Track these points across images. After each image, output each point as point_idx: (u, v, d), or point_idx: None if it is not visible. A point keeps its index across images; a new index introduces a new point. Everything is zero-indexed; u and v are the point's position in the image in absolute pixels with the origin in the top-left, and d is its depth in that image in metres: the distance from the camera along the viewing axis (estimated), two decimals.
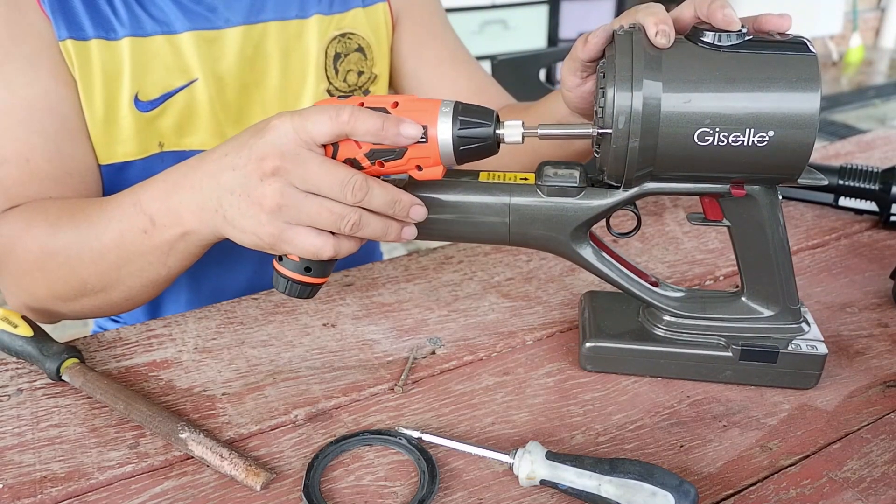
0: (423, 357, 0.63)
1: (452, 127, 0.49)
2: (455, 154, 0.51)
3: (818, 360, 0.57)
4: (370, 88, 0.83)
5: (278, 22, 0.76)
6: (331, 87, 0.80)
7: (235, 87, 0.76)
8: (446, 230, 0.57)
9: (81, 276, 0.62)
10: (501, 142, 0.51)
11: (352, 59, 0.81)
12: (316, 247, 0.52)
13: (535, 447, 0.50)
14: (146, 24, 0.71)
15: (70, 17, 0.68)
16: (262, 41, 0.76)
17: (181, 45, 0.72)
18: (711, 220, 0.56)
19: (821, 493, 0.49)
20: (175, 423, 0.53)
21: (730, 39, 0.49)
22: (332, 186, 0.50)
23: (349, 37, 0.80)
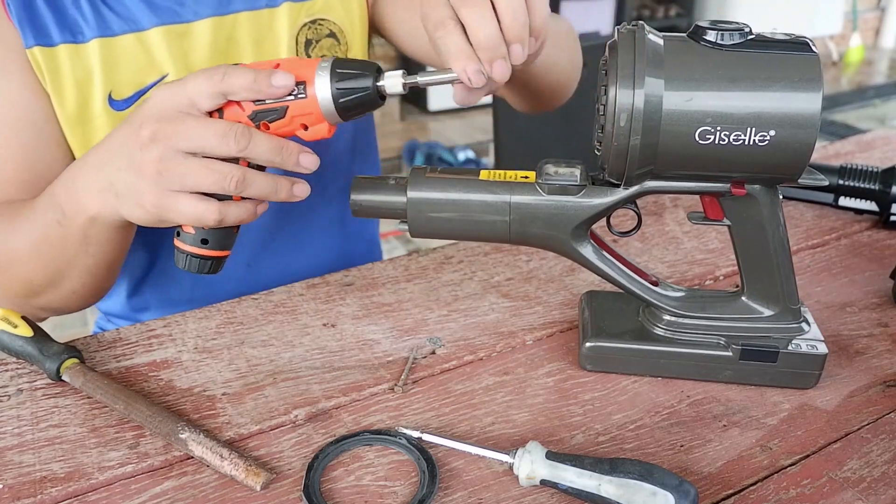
0: (423, 357, 0.63)
1: (331, 81, 0.50)
2: (336, 108, 0.51)
3: (818, 359, 0.57)
4: None
5: (249, 12, 0.75)
6: None
7: None
8: (446, 229, 0.57)
9: (27, 275, 0.64)
10: (384, 94, 0.51)
11: (324, 45, 0.79)
12: (199, 212, 0.51)
13: (535, 447, 0.50)
14: (113, 24, 0.71)
15: (37, 24, 0.68)
16: (234, 32, 0.75)
17: (150, 41, 0.72)
18: (712, 219, 0.56)
19: (821, 493, 0.49)
20: (175, 423, 0.53)
21: (732, 38, 0.49)
22: (213, 139, 0.49)
23: (320, 23, 0.78)
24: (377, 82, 0.51)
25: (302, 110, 0.51)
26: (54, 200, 0.59)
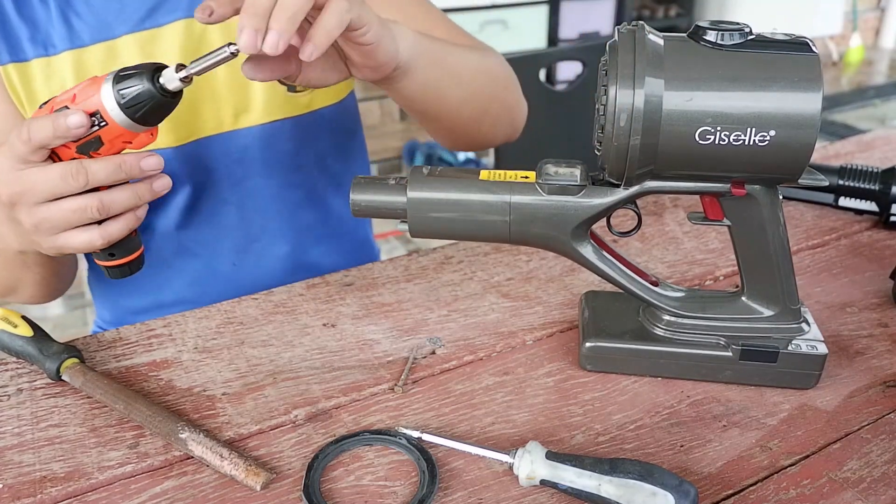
0: (423, 357, 0.63)
1: (115, 97, 0.51)
2: (127, 115, 0.52)
3: (818, 360, 0.57)
4: None
5: None
6: None
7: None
8: (446, 229, 0.57)
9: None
10: (169, 91, 0.52)
11: None
12: (85, 241, 0.56)
13: (535, 447, 0.50)
14: (84, 35, 0.71)
15: (11, 40, 0.69)
16: (205, 33, 0.74)
17: (121, 49, 0.72)
18: (712, 219, 0.56)
19: (821, 493, 0.49)
20: (175, 423, 0.53)
21: (732, 38, 0.49)
22: (56, 183, 0.53)
23: None
24: (157, 81, 0.52)
25: (111, 133, 0.53)
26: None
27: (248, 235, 0.85)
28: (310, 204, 0.88)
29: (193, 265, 0.86)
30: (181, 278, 0.87)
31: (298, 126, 0.81)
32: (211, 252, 0.86)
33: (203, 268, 0.86)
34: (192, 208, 0.82)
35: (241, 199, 0.83)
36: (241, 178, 0.82)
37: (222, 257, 0.86)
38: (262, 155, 0.81)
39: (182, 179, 0.80)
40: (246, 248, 0.86)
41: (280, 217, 0.86)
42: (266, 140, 0.80)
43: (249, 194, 0.83)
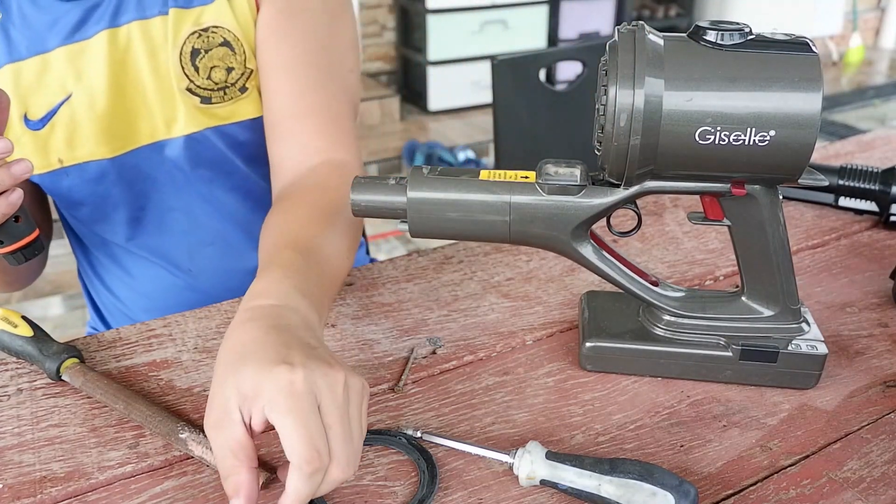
0: (423, 357, 0.63)
1: None
2: None
3: (818, 360, 0.57)
4: (247, 85, 0.76)
5: (140, 21, 0.73)
6: (192, 86, 0.75)
7: (112, 92, 0.74)
8: (446, 229, 0.57)
9: None
10: None
11: (216, 55, 0.74)
12: None
13: (535, 447, 0.50)
14: (21, 48, 0.72)
15: None
16: (129, 43, 0.74)
17: (54, 62, 0.73)
18: (712, 219, 0.56)
19: (821, 493, 0.49)
20: (175, 423, 0.53)
21: (732, 38, 0.49)
22: None
23: (212, 31, 0.74)
24: None
25: None
26: None
27: (200, 240, 0.85)
28: (253, 206, 0.86)
29: (152, 273, 0.87)
30: (144, 287, 0.88)
31: (223, 134, 0.79)
32: (167, 260, 0.86)
33: (164, 275, 0.87)
34: (139, 219, 0.83)
35: (187, 206, 0.83)
36: (182, 185, 0.81)
37: (179, 264, 0.86)
38: (197, 162, 0.80)
39: (123, 190, 0.80)
40: (200, 252, 0.86)
41: (229, 220, 0.85)
42: (196, 147, 0.78)
43: (195, 200, 0.83)
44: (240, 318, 0.49)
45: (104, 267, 0.90)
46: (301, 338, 0.47)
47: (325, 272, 0.58)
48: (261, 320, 0.48)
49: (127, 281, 0.89)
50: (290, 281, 0.52)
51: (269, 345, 0.45)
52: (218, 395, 0.44)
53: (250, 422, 0.43)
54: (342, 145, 0.73)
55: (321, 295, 0.55)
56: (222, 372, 0.45)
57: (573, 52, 1.51)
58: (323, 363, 0.44)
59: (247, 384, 0.43)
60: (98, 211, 0.82)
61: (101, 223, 0.84)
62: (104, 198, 0.80)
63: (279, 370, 0.43)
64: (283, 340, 0.45)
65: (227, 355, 0.46)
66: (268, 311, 0.49)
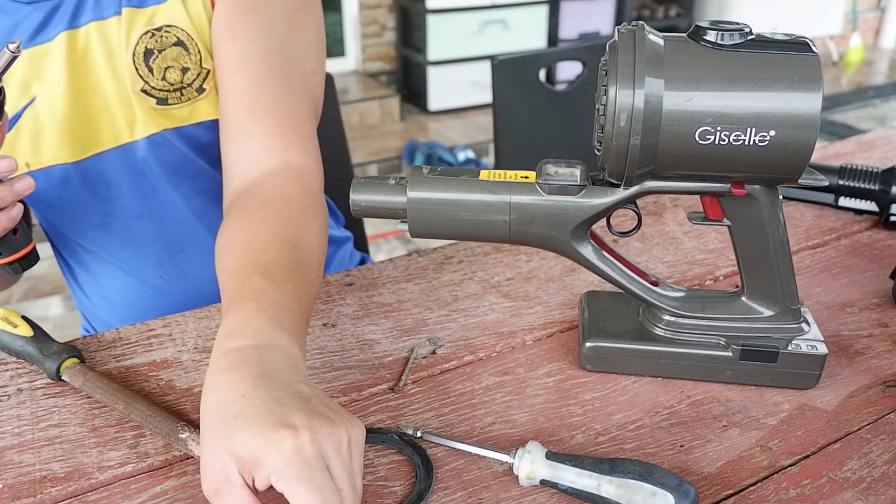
0: (423, 357, 0.63)
1: None
2: None
3: (818, 360, 0.57)
4: (204, 86, 0.74)
5: (97, 22, 0.72)
6: (146, 87, 0.73)
7: (73, 95, 0.73)
8: (446, 229, 0.57)
9: None
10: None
11: (169, 55, 0.72)
12: None
13: (535, 447, 0.50)
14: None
15: None
16: (87, 44, 0.72)
17: (17, 64, 0.72)
18: (712, 219, 0.56)
19: (821, 493, 0.49)
20: (175, 423, 0.53)
21: (732, 38, 0.49)
22: None
23: (165, 30, 0.72)
24: None
25: None
26: None
27: (169, 247, 0.84)
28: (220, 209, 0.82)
29: (124, 282, 0.86)
30: (116, 295, 0.87)
31: (184, 136, 0.77)
32: (137, 268, 0.84)
33: (135, 283, 0.85)
34: (107, 225, 0.81)
35: (154, 212, 0.81)
36: (148, 191, 0.79)
37: (149, 272, 0.85)
38: (161, 165, 0.78)
39: (88, 195, 0.78)
40: (170, 259, 0.84)
41: (198, 225, 0.83)
42: (158, 150, 0.77)
43: (161, 206, 0.81)
44: (219, 366, 0.45)
45: (78, 271, 0.89)
46: (291, 386, 0.44)
47: (300, 295, 0.54)
48: (243, 368, 0.44)
49: (96, 287, 0.88)
50: (265, 314, 0.49)
51: (260, 404, 0.42)
52: (213, 461, 0.41)
53: (253, 483, 0.41)
54: (298, 148, 0.70)
55: (299, 322, 0.52)
56: (212, 434, 0.42)
57: (573, 52, 1.51)
58: (325, 421, 0.42)
59: (245, 451, 0.40)
60: (67, 215, 0.81)
61: (72, 228, 0.82)
62: (71, 202, 0.79)
63: (282, 436, 0.40)
64: (275, 396, 0.42)
65: (216, 414, 0.42)
66: (248, 354, 0.46)
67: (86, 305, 0.92)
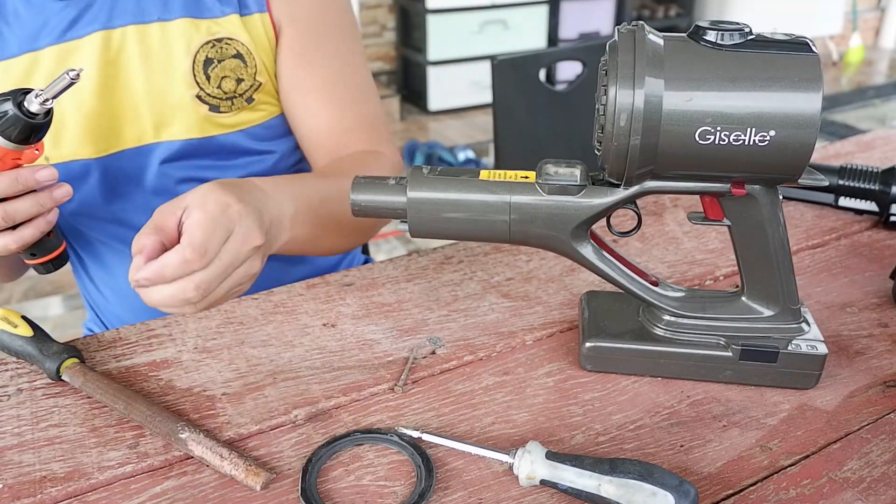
0: (423, 357, 0.63)
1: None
2: (12, 140, 0.58)
3: (818, 360, 0.57)
4: (253, 96, 0.79)
5: (137, 26, 0.75)
6: (201, 93, 0.77)
7: (100, 93, 0.75)
8: (446, 229, 0.57)
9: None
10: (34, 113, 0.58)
11: (227, 66, 0.77)
12: (2, 246, 0.63)
13: (535, 447, 0.50)
14: (12, 45, 0.73)
15: None
16: (122, 47, 0.74)
17: (44, 60, 0.73)
18: (712, 219, 0.56)
19: (821, 493, 0.49)
20: (175, 423, 0.53)
21: (732, 38, 0.49)
22: None
23: (226, 42, 0.77)
24: (23, 105, 0.58)
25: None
26: None
27: None
28: None
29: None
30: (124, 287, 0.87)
31: (221, 142, 0.80)
32: None
33: None
34: (123, 220, 0.83)
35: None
36: (167, 189, 0.81)
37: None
38: (187, 169, 0.80)
39: (106, 190, 0.80)
40: None
41: None
42: (190, 154, 0.79)
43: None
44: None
45: (91, 265, 0.90)
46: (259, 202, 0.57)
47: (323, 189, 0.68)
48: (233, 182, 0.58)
49: (109, 281, 0.89)
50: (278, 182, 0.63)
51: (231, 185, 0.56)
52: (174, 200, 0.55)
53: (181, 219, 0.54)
54: (383, 147, 0.83)
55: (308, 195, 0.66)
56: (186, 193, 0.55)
57: (573, 52, 1.50)
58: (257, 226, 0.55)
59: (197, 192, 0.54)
60: (83, 209, 0.82)
61: (87, 221, 0.84)
62: (89, 197, 0.80)
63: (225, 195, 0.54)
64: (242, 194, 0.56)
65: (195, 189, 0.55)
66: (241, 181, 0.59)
67: (96, 300, 0.92)
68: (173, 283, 0.52)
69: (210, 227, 0.52)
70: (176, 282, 0.52)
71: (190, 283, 0.52)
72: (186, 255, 0.51)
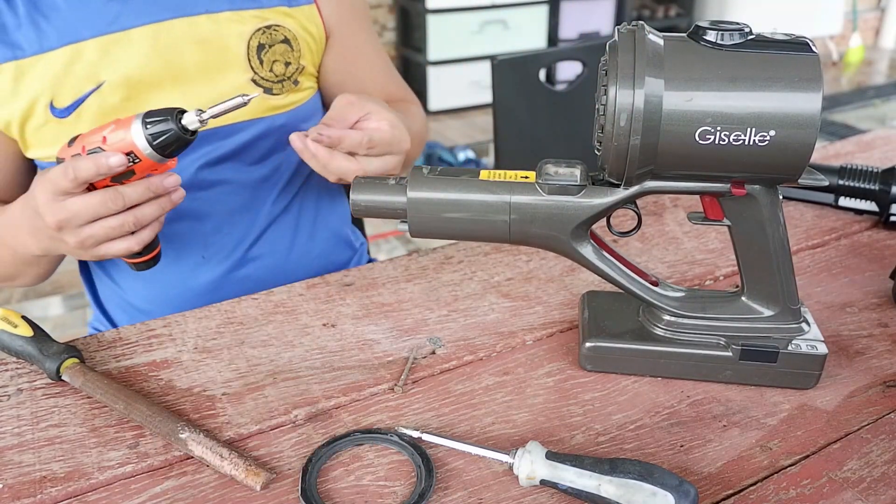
0: (423, 357, 0.63)
1: (146, 139, 0.60)
2: (156, 151, 0.61)
3: (818, 360, 0.57)
4: (298, 79, 0.85)
5: (186, 18, 0.77)
6: (256, 77, 0.81)
7: (147, 84, 0.77)
8: (446, 229, 0.57)
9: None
10: (189, 130, 0.61)
11: (277, 50, 0.82)
12: (124, 248, 0.66)
13: (535, 447, 0.50)
14: (52, 38, 0.73)
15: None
16: (172, 38, 0.77)
17: (87, 51, 0.74)
18: (712, 219, 0.56)
19: (821, 493, 0.49)
20: (175, 423, 0.53)
21: (732, 38, 0.49)
22: (98, 210, 0.62)
23: (274, 29, 0.82)
24: (180, 122, 0.61)
25: (142, 167, 0.63)
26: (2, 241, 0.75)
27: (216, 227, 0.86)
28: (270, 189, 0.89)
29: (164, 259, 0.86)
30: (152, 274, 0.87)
31: (270, 123, 0.84)
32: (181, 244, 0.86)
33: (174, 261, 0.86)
34: None
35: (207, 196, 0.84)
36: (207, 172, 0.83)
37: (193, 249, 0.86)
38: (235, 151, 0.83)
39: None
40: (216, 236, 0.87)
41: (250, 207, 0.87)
42: (237, 136, 0.82)
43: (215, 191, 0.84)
44: None
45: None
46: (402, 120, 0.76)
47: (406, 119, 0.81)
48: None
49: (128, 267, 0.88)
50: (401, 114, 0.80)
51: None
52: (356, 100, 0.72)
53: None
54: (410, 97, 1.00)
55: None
56: None
57: (573, 52, 1.50)
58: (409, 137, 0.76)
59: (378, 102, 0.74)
60: None
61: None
62: None
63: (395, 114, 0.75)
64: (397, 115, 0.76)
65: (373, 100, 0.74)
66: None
67: (111, 290, 0.92)
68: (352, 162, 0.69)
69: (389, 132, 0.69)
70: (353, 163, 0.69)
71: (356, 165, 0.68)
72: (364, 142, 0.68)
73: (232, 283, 0.88)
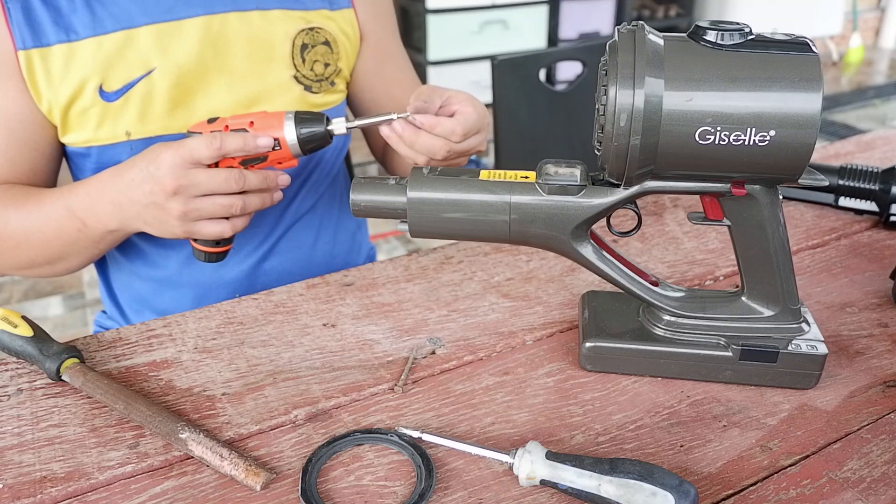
0: (423, 357, 0.63)
1: (296, 132, 0.67)
2: (302, 149, 0.68)
3: (818, 360, 0.57)
4: (335, 80, 0.88)
5: (238, 13, 0.80)
6: (297, 74, 0.84)
7: (196, 73, 0.78)
8: (446, 229, 0.57)
9: (30, 256, 0.77)
10: (332, 135, 0.69)
11: (318, 51, 0.85)
12: (218, 231, 0.68)
13: (535, 447, 0.50)
14: (107, 23, 0.74)
15: (35, 27, 0.73)
16: (223, 30, 0.79)
17: (140, 38, 0.75)
18: (712, 219, 0.56)
19: (821, 493, 0.49)
20: (175, 423, 0.53)
21: (732, 38, 0.49)
22: (219, 184, 0.65)
23: (317, 31, 0.85)
24: (328, 126, 0.68)
25: (278, 156, 0.69)
26: (72, 213, 0.72)
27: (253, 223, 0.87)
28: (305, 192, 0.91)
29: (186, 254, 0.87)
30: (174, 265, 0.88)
31: None
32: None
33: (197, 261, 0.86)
34: None
35: None
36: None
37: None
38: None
39: None
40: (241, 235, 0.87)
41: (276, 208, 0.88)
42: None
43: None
44: None
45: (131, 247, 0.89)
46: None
47: None
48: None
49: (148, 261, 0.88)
50: None
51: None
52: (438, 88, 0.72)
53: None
54: None
55: None
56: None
57: (573, 52, 1.50)
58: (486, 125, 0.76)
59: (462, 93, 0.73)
60: None
61: None
62: None
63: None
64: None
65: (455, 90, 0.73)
66: None
67: (125, 285, 0.92)
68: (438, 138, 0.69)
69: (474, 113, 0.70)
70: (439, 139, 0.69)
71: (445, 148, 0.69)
72: (457, 129, 0.68)
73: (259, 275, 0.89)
